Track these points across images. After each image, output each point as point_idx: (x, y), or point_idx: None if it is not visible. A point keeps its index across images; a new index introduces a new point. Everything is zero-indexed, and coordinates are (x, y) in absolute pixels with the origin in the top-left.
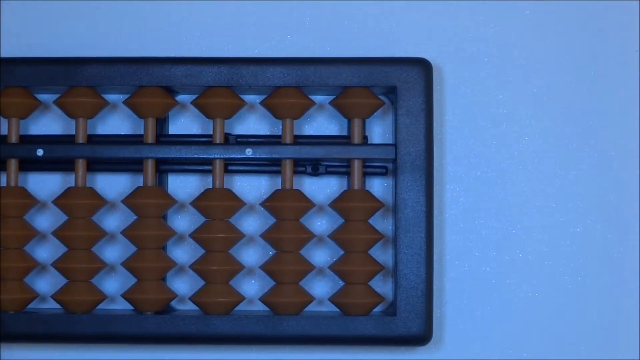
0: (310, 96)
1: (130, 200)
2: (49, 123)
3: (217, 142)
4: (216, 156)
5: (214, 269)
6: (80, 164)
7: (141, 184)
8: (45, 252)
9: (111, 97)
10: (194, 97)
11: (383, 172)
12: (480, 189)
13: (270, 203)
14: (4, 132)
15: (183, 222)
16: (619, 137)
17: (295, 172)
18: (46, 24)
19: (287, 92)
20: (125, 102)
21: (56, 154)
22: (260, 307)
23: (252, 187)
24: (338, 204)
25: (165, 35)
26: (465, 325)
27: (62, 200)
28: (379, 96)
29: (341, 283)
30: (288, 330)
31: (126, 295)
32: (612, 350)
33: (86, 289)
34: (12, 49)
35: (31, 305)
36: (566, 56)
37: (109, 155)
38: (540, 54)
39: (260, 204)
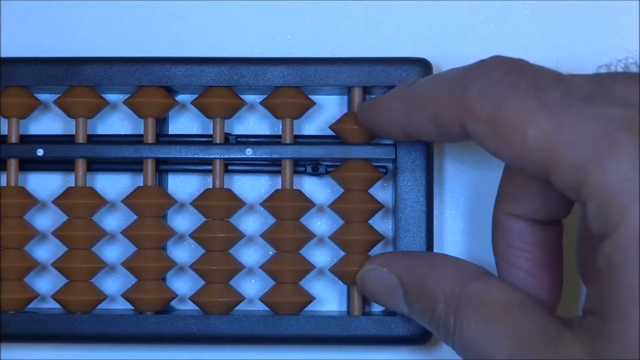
0: (310, 96)
1: (130, 200)
2: (49, 123)
3: (217, 142)
4: (216, 156)
5: (213, 269)
6: (80, 164)
7: (141, 184)
8: (45, 252)
9: (111, 97)
10: (194, 97)
11: (383, 172)
12: (480, 189)
13: (270, 203)
14: (4, 132)
15: (183, 222)
16: None
17: (295, 172)
18: (46, 24)
19: (287, 92)
20: (125, 102)
21: (56, 154)
22: (260, 307)
23: (252, 187)
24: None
25: (165, 35)
26: None
27: (62, 200)
28: None
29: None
30: (288, 330)
31: (126, 295)
32: None
33: (86, 289)
34: (12, 49)
35: (31, 305)
36: (566, 56)
37: (109, 155)
38: (540, 54)
39: (260, 204)
